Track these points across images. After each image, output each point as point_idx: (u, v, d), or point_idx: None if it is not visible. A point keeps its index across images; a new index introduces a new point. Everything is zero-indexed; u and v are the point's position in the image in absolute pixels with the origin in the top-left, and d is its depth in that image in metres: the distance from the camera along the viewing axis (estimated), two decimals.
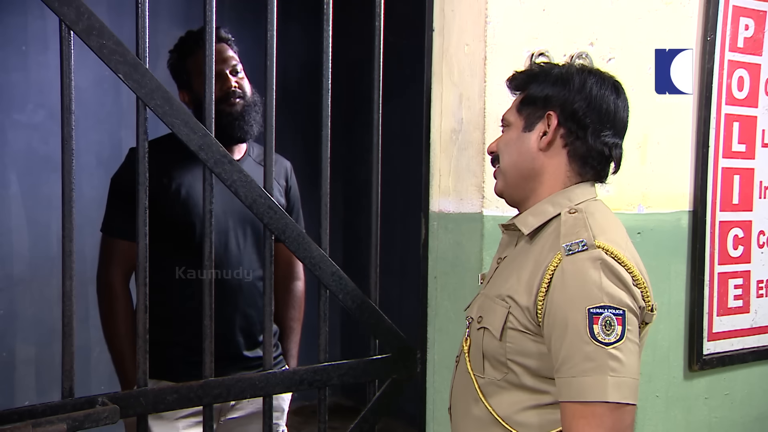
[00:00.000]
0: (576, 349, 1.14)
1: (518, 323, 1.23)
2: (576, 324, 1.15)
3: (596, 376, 1.13)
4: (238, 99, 1.85)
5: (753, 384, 2.26)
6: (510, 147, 1.34)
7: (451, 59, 1.74)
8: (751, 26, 2.14)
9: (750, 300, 2.22)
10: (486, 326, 1.28)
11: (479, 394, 1.29)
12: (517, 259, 1.31)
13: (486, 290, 1.35)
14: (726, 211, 2.13)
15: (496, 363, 1.27)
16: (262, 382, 1.59)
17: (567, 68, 1.33)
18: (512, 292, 1.25)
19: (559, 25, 1.75)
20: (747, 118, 2.17)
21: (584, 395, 1.13)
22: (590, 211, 1.28)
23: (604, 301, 1.15)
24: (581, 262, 1.18)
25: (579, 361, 1.14)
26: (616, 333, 1.14)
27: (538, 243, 1.28)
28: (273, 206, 1.56)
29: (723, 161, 2.11)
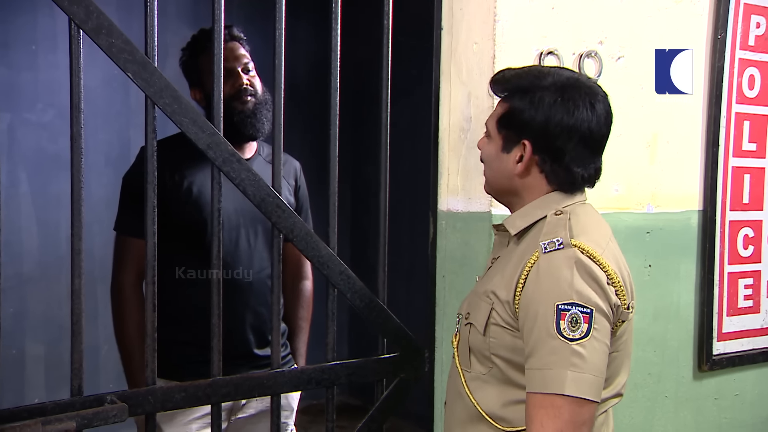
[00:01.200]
0: (542, 343, 1.20)
1: (500, 318, 1.28)
2: (545, 318, 1.20)
3: (557, 370, 1.18)
4: (250, 97, 1.86)
5: (763, 385, 2.25)
6: (491, 162, 1.38)
7: (459, 58, 1.74)
8: (763, 24, 2.13)
9: (760, 300, 2.21)
10: (472, 322, 1.34)
11: (465, 388, 1.35)
12: (505, 259, 1.36)
13: (475, 288, 1.41)
14: (736, 210, 2.12)
15: (482, 357, 1.32)
16: (270, 381, 1.59)
17: (543, 88, 1.31)
18: (495, 289, 1.30)
19: (568, 24, 1.75)
20: (758, 117, 2.16)
21: (545, 387, 1.19)
22: (575, 212, 1.32)
23: (572, 299, 1.20)
24: (556, 260, 1.23)
25: (544, 354, 1.20)
26: (581, 330, 1.19)
27: (524, 243, 1.33)
28: (281, 205, 1.56)
29: (733, 160, 2.11)
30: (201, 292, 1.77)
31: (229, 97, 1.84)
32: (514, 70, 1.38)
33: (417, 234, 2.21)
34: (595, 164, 1.35)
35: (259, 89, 1.89)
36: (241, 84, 1.86)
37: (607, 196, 1.85)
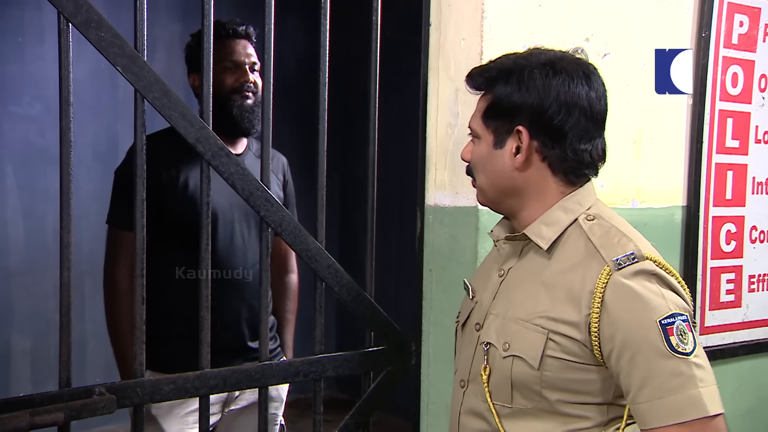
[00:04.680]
0: (657, 367, 1.06)
1: (560, 350, 1.14)
2: (651, 340, 1.07)
3: (689, 392, 1.05)
4: (251, 93, 1.88)
5: (743, 378, 2.28)
6: (484, 165, 1.24)
7: (447, 54, 1.75)
8: (746, 23, 2.15)
9: (742, 294, 2.24)
10: (517, 354, 1.17)
11: (498, 424, 1.20)
12: (535, 275, 1.20)
13: (500, 310, 1.23)
14: (719, 206, 2.15)
15: (528, 392, 1.17)
16: (258, 373, 1.60)
17: (530, 66, 1.19)
18: (549, 315, 1.15)
19: (554, 21, 1.76)
20: (741, 114, 2.18)
21: (682, 415, 1.05)
22: (607, 215, 1.21)
23: (671, 310, 1.09)
24: (636, 275, 1.11)
25: (664, 379, 1.06)
26: (691, 340, 1.08)
27: (561, 256, 1.19)
28: (270, 199, 1.57)
29: (717, 157, 2.13)
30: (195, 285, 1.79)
31: (231, 90, 1.86)
32: (489, 62, 1.27)
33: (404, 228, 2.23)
34: (601, 143, 1.22)
35: (260, 90, 1.91)
36: (246, 80, 1.89)
37: None
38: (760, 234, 2.27)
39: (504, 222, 1.32)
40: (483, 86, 1.24)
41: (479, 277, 1.36)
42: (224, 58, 1.86)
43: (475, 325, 1.28)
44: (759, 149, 2.24)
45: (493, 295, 1.26)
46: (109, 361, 1.93)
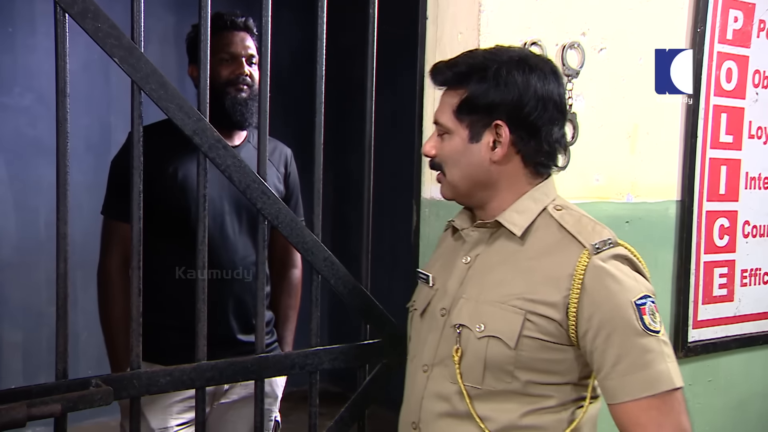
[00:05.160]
0: (631, 344, 1.15)
1: (536, 330, 1.20)
2: (627, 320, 1.15)
3: (658, 367, 1.15)
4: (246, 86, 1.88)
5: (734, 371, 2.31)
6: (458, 159, 1.28)
7: (444, 48, 1.75)
8: (740, 18, 2.17)
9: (734, 289, 2.27)
10: (494, 334, 1.22)
11: (470, 409, 1.25)
12: (508, 260, 1.27)
13: (471, 294, 1.29)
14: (713, 201, 2.17)
15: (500, 373, 1.23)
16: (255, 365, 1.60)
17: (504, 63, 1.25)
18: (526, 297, 1.21)
19: (551, 15, 1.78)
20: (735, 110, 2.21)
21: (652, 388, 1.14)
22: (572, 206, 1.31)
23: (643, 291, 1.18)
24: (612, 260, 1.19)
25: (637, 354, 1.15)
26: (659, 320, 1.18)
27: (534, 242, 1.26)
28: (266, 191, 1.57)
29: (711, 152, 2.15)
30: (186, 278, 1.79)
31: (226, 81, 1.86)
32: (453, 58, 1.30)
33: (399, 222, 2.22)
34: (564, 134, 1.31)
35: (257, 83, 1.90)
36: (242, 72, 1.88)
37: (588, 186, 1.89)
38: (753, 229, 2.29)
39: (465, 212, 1.39)
40: (452, 81, 1.28)
41: (437, 266, 1.42)
42: (221, 49, 1.86)
43: (440, 310, 1.33)
44: (752, 144, 2.26)
45: (461, 281, 1.32)
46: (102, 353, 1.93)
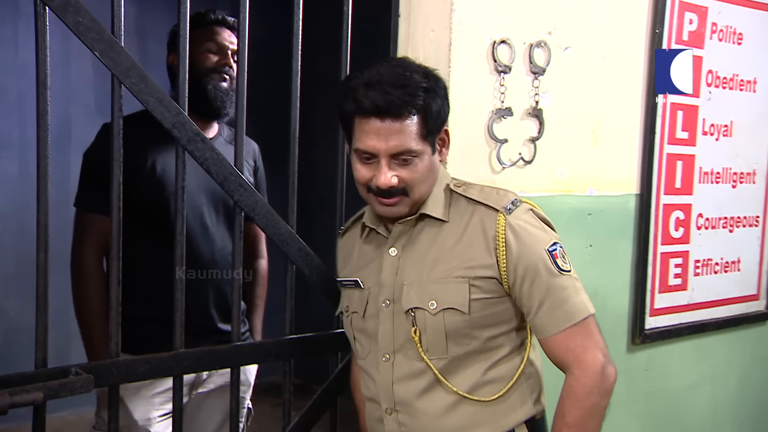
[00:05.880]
0: (551, 285, 1.33)
1: (480, 291, 1.35)
2: (544, 264, 1.34)
3: (575, 299, 1.34)
4: (228, 77, 1.90)
5: (687, 356, 2.41)
6: (428, 176, 1.37)
7: (416, 45, 1.80)
8: (695, 21, 2.25)
9: (688, 278, 2.36)
10: (448, 306, 1.36)
11: (440, 378, 1.38)
12: (437, 242, 1.40)
13: (413, 279, 1.40)
14: (669, 194, 2.26)
15: (460, 338, 1.37)
16: (231, 353, 1.64)
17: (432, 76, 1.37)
18: (465, 266, 1.36)
19: (520, 15, 1.83)
20: (690, 108, 2.29)
21: (573, 318, 1.33)
22: (465, 181, 1.46)
23: (551, 239, 1.37)
24: (522, 215, 1.37)
25: (557, 293, 1.34)
26: (568, 261, 1.38)
27: (454, 219, 1.40)
28: (243, 184, 1.60)
29: (668, 147, 2.23)
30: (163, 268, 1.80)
31: (210, 69, 1.88)
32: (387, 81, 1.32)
33: None
34: None
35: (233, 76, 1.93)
36: (227, 63, 1.91)
37: (552, 179, 1.95)
38: (706, 221, 2.39)
39: (371, 211, 1.48)
40: (414, 111, 1.32)
41: (359, 268, 1.51)
42: (209, 39, 1.89)
43: (383, 302, 1.43)
44: (705, 141, 2.35)
45: (395, 271, 1.42)
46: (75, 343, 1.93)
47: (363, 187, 1.40)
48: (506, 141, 1.84)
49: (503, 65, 1.81)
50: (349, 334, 1.53)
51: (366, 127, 1.32)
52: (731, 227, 2.49)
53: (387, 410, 1.44)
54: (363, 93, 1.31)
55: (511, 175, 1.85)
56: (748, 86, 2.45)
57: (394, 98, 1.30)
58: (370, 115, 1.31)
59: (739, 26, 2.38)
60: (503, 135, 1.83)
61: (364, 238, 1.52)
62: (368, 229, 1.50)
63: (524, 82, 1.86)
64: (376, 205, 1.40)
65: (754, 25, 2.44)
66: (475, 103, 1.79)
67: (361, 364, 1.51)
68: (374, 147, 1.33)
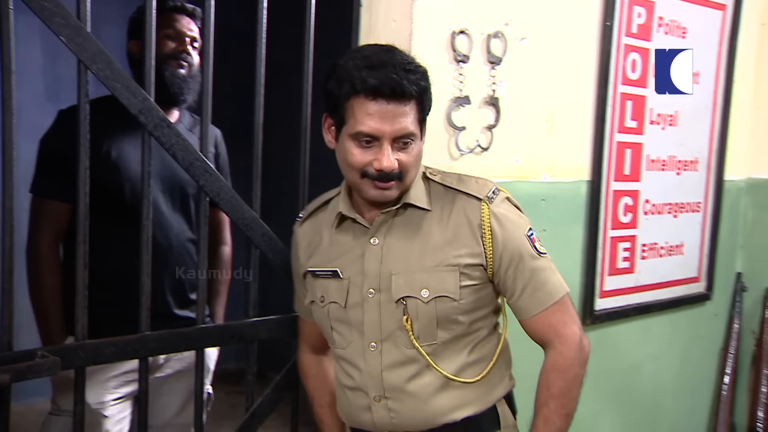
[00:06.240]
0: (533, 268, 1.41)
1: (468, 279, 1.40)
2: (526, 250, 1.41)
3: (552, 279, 1.43)
4: (187, 64, 1.91)
5: (632, 336, 2.51)
6: (419, 159, 1.40)
7: (378, 34, 1.83)
8: (643, 14, 2.34)
9: (635, 262, 2.46)
10: (440, 294, 1.39)
11: (431, 363, 1.41)
12: (422, 230, 1.42)
13: (401, 268, 1.41)
14: (619, 181, 2.34)
15: (449, 323, 1.41)
16: (196, 335, 1.67)
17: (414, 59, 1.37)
18: (454, 254, 1.39)
19: (478, 6, 1.88)
20: (638, 97, 2.38)
21: (553, 297, 1.42)
22: (438, 170, 1.48)
23: (527, 224, 1.44)
24: (503, 204, 1.42)
25: (538, 275, 1.41)
26: (541, 244, 1.45)
27: (435, 208, 1.43)
28: (209, 169, 1.63)
29: (617, 136, 2.32)
30: (121, 254, 1.81)
31: (167, 55, 1.88)
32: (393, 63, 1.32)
33: None
34: None
35: (196, 64, 1.94)
36: (184, 49, 1.92)
37: (508, 166, 2.01)
38: (652, 207, 2.49)
39: (346, 200, 1.47)
40: (418, 94, 1.34)
41: (334, 258, 1.48)
42: (167, 26, 1.90)
43: (368, 292, 1.43)
44: (653, 129, 2.45)
45: (379, 260, 1.43)
46: None
47: (356, 172, 1.36)
48: (464, 128, 1.89)
49: (462, 55, 1.86)
50: (325, 324, 1.52)
51: (370, 109, 1.31)
52: (675, 213, 2.60)
53: (375, 398, 1.45)
54: (368, 74, 1.30)
55: (468, 161, 1.90)
56: (693, 78, 2.55)
57: (405, 81, 1.30)
58: (376, 96, 1.30)
59: (683, 21, 2.47)
60: (461, 123, 1.88)
61: (338, 228, 1.50)
62: (345, 218, 1.48)
63: (482, 71, 1.92)
64: (369, 189, 1.37)
65: (697, 21, 2.54)
66: (435, 91, 1.78)
67: (341, 354, 1.50)
68: (379, 129, 1.31)
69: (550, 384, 1.42)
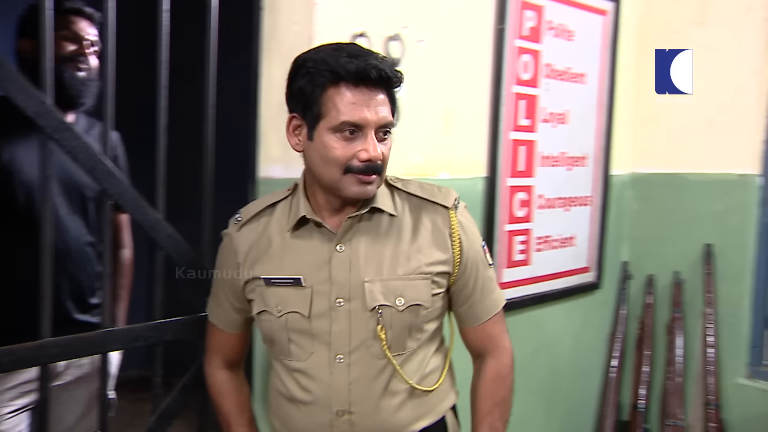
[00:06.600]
0: (486, 277, 1.46)
1: (437, 287, 1.40)
2: (482, 259, 1.46)
3: (497, 288, 1.50)
4: (85, 66, 1.87)
5: (530, 325, 2.63)
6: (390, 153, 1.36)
7: (280, 37, 1.86)
8: (534, 18, 2.45)
9: (530, 254, 2.57)
10: (414, 303, 1.36)
11: (400, 374, 1.38)
12: (390, 237, 1.37)
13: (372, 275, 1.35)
14: (514, 177, 2.44)
15: (418, 333, 1.40)
16: (100, 339, 1.64)
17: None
18: (426, 262, 1.38)
19: (377, 10, 1.93)
20: (531, 97, 2.49)
21: (497, 306, 1.48)
22: (398, 177, 1.47)
23: (481, 235, 1.49)
24: (464, 212, 1.45)
25: (488, 284, 1.46)
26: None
27: (402, 213, 1.40)
28: (111, 172, 1.61)
29: (512, 134, 2.42)
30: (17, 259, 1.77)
31: (65, 57, 1.84)
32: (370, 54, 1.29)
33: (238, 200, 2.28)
34: None
35: (94, 67, 1.90)
36: (82, 52, 1.89)
37: (408, 164, 2.07)
38: (545, 201, 2.62)
39: (306, 203, 1.39)
40: (396, 82, 1.31)
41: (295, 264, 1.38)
42: (64, 27, 1.86)
43: (336, 301, 1.35)
44: (544, 128, 2.57)
45: (347, 268, 1.36)
46: None
47: (338, 169, 1.29)
48: None
49: None
50: (280, 335, 1.40)
51: (353, 98, 1.25)
52: (567, 207, 2.74)
53: (339, 413, 1.37)
54: (347, 61, 1.24)
55: None
56: (580, 78, 2.70)
57: (386, 67, 1.26)
58: (358, 83, 1.25)
59: (570, 24, 2.61)
60: None
61: (295, 232, 1.40)
62: (304, 222, 1.39)
63: None
64: (350, 186, 1.30)
65: (583, 24, 2.68)
66: None
67: (296, 366, 1.40)
68: (365, 118, 1.26)
69: (493, 393, 1.47)
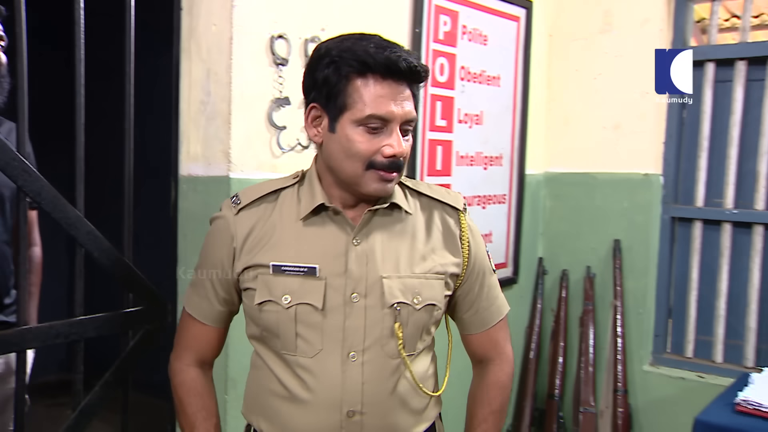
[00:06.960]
0: (491, 283, 1.44)
1: (448, 288, 1.36)
2: (487, 264, 1.43)
3: (501, 295, 1.47)
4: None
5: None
6: None
7: (199, 37, 1.89)
8: (449, 23, 2.55)
9: None
10: (429, 302, 1.31)
11: (411, 372, 1.32)
12: (405, 233, 1.33)
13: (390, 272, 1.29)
14: (432, 175, 2.53)
15: (425, 334, 1.35)
16: (17, 337, 1.63)
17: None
18: (440, 262, 1.34)
19: (295, 12, 1.99)
20: (447, 99, 2.59)
21: (501, 313, 1.46)
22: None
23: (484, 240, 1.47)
24: (470, 216, 1.43)
25: (493, 290, 1.44)
26: None
27: (416, 212, 1.36)
28: (27, 169, 1.61)
29: (429, 134, 2.51)
30: None
31: None
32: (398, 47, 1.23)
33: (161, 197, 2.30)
34: None
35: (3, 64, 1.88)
36: None
37: None
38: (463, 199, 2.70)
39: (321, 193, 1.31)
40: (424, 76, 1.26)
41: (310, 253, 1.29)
42: None
43: (352, 296, 1.27)
44: (461, 128, 2.67)
45: (364, 262, 1.29)
46: None
47: (361, 163, 1.23)
48: (285, 128, 1.99)
49: (281, 58, 1.96)
50: (286, 328, 1.29)
51: (381, 90, 1.20)
52: (484, 204, 2.85)
53: (349, 413, 1.28)
54: (377, 52, 1.18)
55: (290, 159, 2.00)
56: (494, 81, 2.82)
57: (417, 62, 1.21)
58: (386, 76, 1.20)
59: (484, 29, 2.72)
60: (282, 122, 1.98)
61: (307, 220, 1.31)
62: (321, 211, 1.30)
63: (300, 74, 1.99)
64: (371, 183, 1.24)
65: (496, 30, 2.79)
66: (256, 93, 1.91)
67: (302, 363, 1.29)
68: (391, 112, 1.20)
69: (491, 400, 1.45)
